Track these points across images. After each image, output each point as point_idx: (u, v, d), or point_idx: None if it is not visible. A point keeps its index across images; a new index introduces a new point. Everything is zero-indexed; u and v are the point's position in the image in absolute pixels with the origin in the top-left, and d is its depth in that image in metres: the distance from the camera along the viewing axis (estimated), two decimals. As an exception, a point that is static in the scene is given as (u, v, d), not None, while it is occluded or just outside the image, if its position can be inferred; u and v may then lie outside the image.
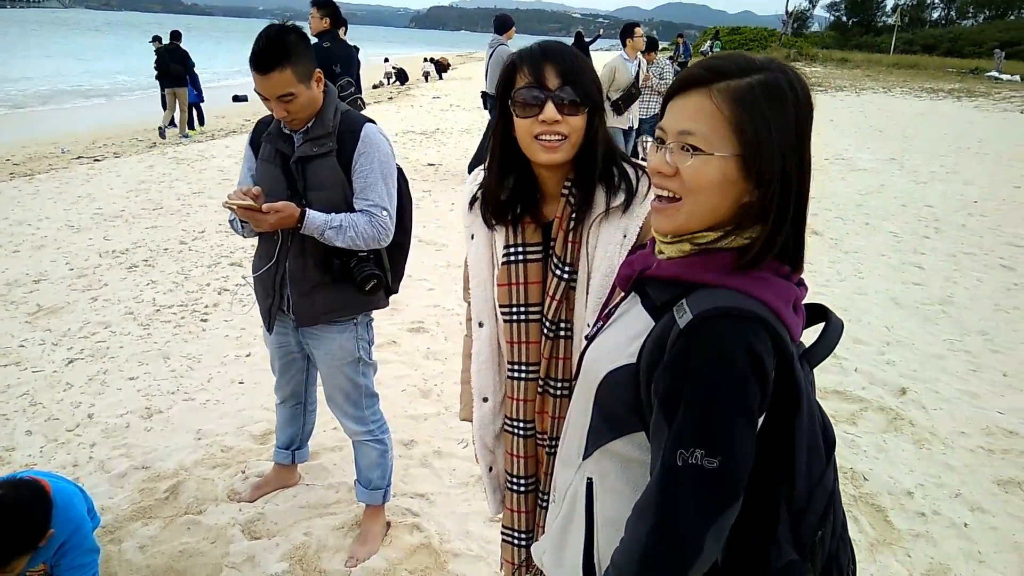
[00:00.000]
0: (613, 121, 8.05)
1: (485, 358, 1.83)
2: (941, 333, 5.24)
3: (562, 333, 1.70)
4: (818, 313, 1.28)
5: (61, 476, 2.53)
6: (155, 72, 15.53)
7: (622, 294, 1.33)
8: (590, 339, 1.35)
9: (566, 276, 1.66)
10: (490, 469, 1.93)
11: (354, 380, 2.76)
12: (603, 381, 1.23)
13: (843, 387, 4.28)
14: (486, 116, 15.58)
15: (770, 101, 1.09)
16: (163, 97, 15.48)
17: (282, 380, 2.98)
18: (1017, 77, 28.03)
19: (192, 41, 14.35)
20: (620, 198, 1.63)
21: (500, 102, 1.66)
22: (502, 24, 8.96)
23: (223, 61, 35.35)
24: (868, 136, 15.21)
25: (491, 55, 8.85)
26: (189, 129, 14.89)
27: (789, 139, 1.10)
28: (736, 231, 1.15)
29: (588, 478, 1.29)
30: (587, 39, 13.56)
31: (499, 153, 1.72)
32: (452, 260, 6.38)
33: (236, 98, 20.89)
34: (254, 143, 2.65)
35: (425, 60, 31.85)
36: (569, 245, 1.66)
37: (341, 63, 6.59)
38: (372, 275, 2.52)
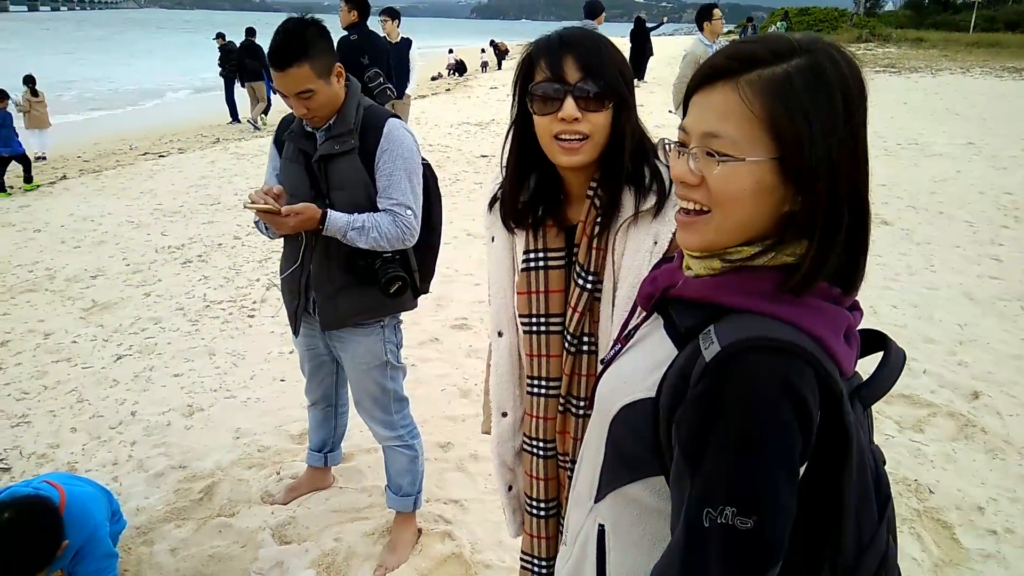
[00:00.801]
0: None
1: (504, 370, 1.70)
2: (1020, 331, 4.87)
3: (585, 348, 1.56)
4: (875, 340, 1.09)
5: (81, 478, 2.52)
6: (219, 68, 15.94)
7: (643, 314, 1.16)
8: (606, 363, 1.20)
9: (590, 286, 1.52)
10: (509, 488, 1.80)
11: (382, 384, 2.67)
12: (617, 415, 1.07)
13: (910, 390, 4.00)
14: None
15: (812, 91, 0.91)
16: (228, 92, 15.85)
17: (312, 383, 2.91)
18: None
19: (262, 38, 15.12)
20: (651, 200, 1.47)
21: (519, 98, 1.53)
22: (592, 10, 8.75)
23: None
24: (944, 119, 14.44)
25: None
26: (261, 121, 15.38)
27: (837, 135, 0.91)
28: (777, 246, 0.97)
29: (600, 524, 1.13)
30: (649, 24, 13.24)
31: (517, 152, 1.58)
32: (500, 254, 6.27)
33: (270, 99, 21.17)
34: (278, 142, 2.58)
35: (483, 50, 31.78)
36: (594, 252, 1.51)
37: (369, 55, 6.58)
38: (397, 276, 2.42)
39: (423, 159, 2.53)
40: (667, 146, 1.10)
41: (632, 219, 1.48)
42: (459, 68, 27.16)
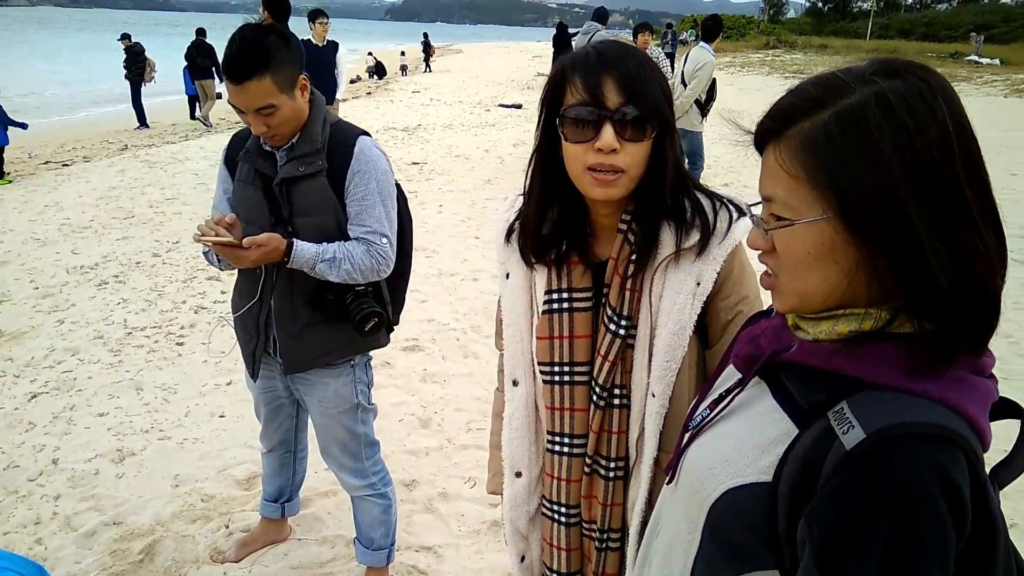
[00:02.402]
0: (700, 125, 7.55)
1: (520, 424, 1.51)
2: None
3: (616, 401, 1.38)
4: (1004, 407, 0.94)
5: (8, 558, 2.16)
6: (124, 71, 15.10)
7: (738, 375, 1.00)
8: (694, 431, 1.03)
9: (623, 331, 1.34)
10: (522, 559, 1.60)
11: (352, 429, 2.42)
12: (720, 500, 0.91)
13: None
14: (468, 111, 15.21)
15: (849, 137, 0.80)
16: (135, 96, 15.04)
17: (268, 428, 2.63)
18: (996, 61, 28.00)
19: (166, 39, 14.81)
20: (694, 237, 1.30)
21: (545, 118, 1.34)
22: (601, 15, 8.74)
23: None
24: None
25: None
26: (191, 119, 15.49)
27: (893, 177, 0.77)
28: (897, 313, 0.83)
29: None
30: (572, 30, 13.22)
31: (541, 178, 1.39)
32: (443, 268, 6.04)
33: (220, 95, 20.39)
34: (229, 162, 2.29)
35: (402, 53, 31.35)
36: (627, 294, 1.34)
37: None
38: (372, 313, 2.17)
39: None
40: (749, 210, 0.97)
41: (672, 258, 1.31)
42: (379, 71, 26.66)
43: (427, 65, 30.47)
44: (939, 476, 0.75)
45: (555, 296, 1.41)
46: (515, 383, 1.50)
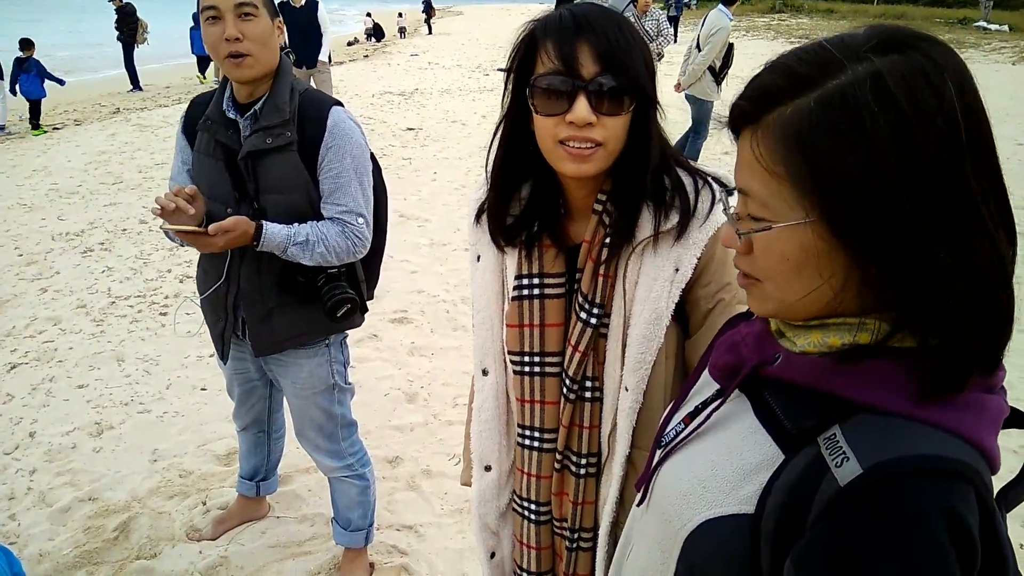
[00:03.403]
0: (714, 94, 7.20)
1: (489, 416, 1.42)
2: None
3: (588, 395, 1.28)
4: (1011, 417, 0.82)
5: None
6: (116, 33, 14.83)
7: (716, 387, 0.89)
8: (667, 447, 0.92)
9: (594, 320, 1.23)
10: (492, 556, 1.52)
11: (328, 410, 2.33)
12: (696, 531, 0.80)
13: None
14: (466, 75, 14.97)
15: (836, 127, 0.67)
16: (127, 58, 14.78)
17: (241, 409, 2.54)
18: (1005, 27, 27.50)
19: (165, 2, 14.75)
20: (672, 219, 1.19)
21: (514, 87, 1.22)
22: None
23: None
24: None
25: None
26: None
27: (889, 176, 0.66)
28: (898, 324, 0.71)
29: None
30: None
31: (506, 153, 1.28)
32: (435, 237, 5.93)
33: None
34: (188, 130, 2.14)
35: (400, 15, 30.82)
36: (600, 280, 1.23)
37: None
38: (344, 299, 2.03)
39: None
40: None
41: (649, 242, 1.20)
42: (376, 33, 26.23)
43: (428, 27, 29.98)
44: (948, 518, 0.65)
45: (525, 282, 1.31)
46: (485, 372, 1.41)
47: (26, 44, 11.39)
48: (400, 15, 30.65)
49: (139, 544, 2.70)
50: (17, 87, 11.03)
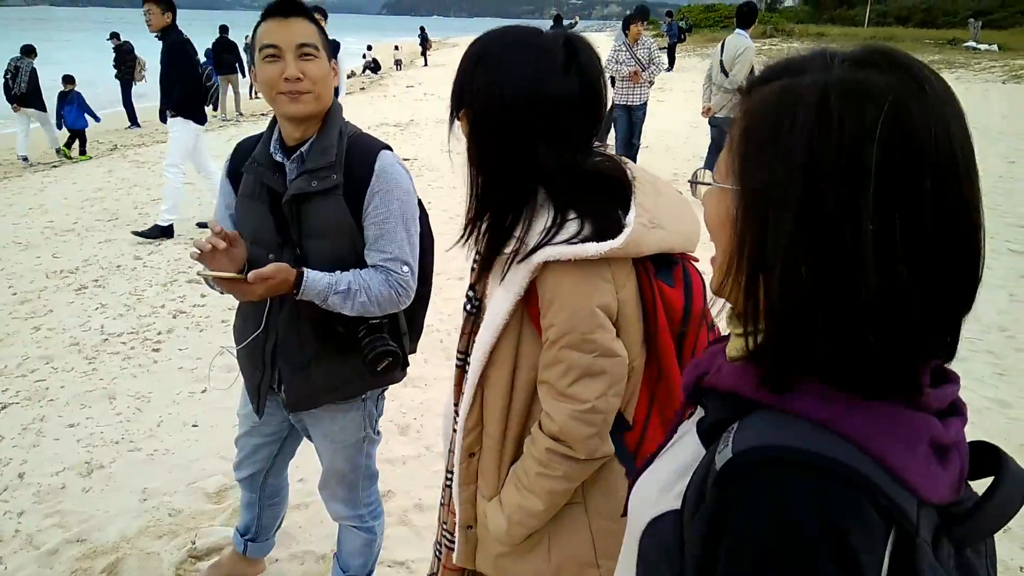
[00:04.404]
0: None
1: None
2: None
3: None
4: (987, 456, 0.79)
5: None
6: (114, 71, 15.02)
7: (691, 409, 0.95)
8: (641, 469, 0.97)
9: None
10: (451, 451, 1.64)
11: (354, 462, 2.24)
12: (645, 531, 0.86)
13: None
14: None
15: (769, 120, 0.71)
16: (125, 95, 14.93)
17: (243, 460, 2.42)
18: (995, 47, 27.79)
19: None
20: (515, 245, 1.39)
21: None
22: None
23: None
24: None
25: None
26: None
27: (790, 191, 0.67)
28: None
29: None
30: (566, 22, 13.14)
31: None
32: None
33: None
34: (233, 174, 2.08)
35: (396, 47, 31.16)
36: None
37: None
38: (386, 352, 1.93)
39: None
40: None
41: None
42: (374, 66, 26.52)
43: (424, 59, 30.29)
44: (815, 513, 0.64)
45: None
46: None
47: (68, 79, 12.31)
48: (396, 48, 31.03)
49: (127, 586, 2.66)
50: (63, 120, 12.05)
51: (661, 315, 1.38)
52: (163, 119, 7.05)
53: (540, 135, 1.30)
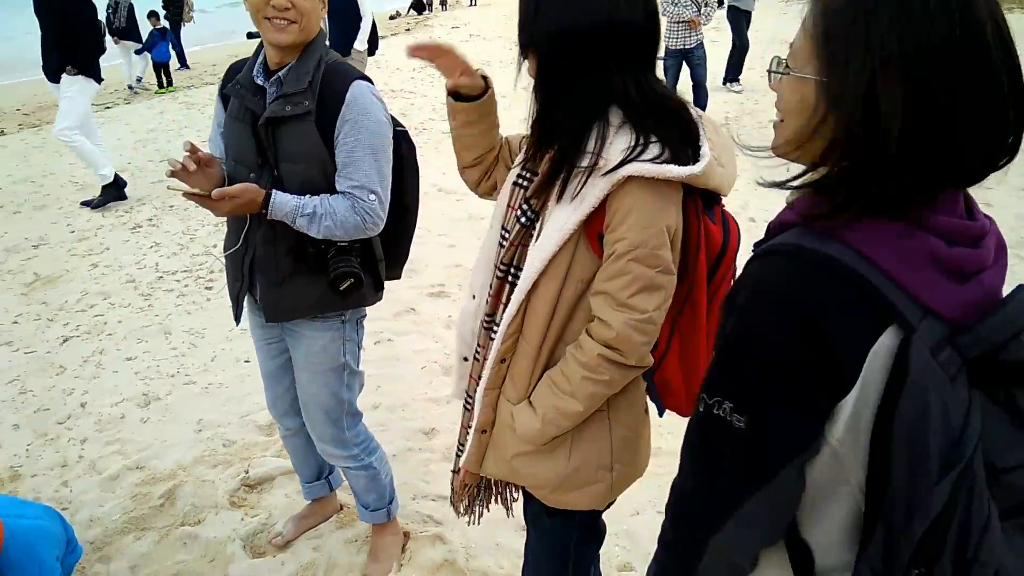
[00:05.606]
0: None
1: (483, 256, 1.66)
2: None
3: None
4: None
5: (28, 504, 2.19)
6: (162, 12, 15.07)
7: None
8: None
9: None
10: (464, 359, 1.72)
11: (336, 393, 2.28)
12: None
13: None
14: (507, 46, 14.89)
15: (851, 13, 0.81)
16: (175, 39, 15.01)
17: (274, 392, 2.43)
18: None
19: None
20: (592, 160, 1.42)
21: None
22: None
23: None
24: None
25: None
26: None
27: (873, 70, 0.79)
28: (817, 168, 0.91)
29: None
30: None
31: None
32: (473, 211, 5.91)
33: (251, 35, 20.23)
34: (224, 94, 2.13)
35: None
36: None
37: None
38: (347, 272, 2.02)
39: (400, 127, 2.16)
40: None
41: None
42: (418, 6, 26.12)
43: (473, -1, 29.73)
44: (789, 285, 0.83)
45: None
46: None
47: (152, 15, 13.90)
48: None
49: (184, 511, 2.79)
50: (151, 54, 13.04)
51: (703, 246, 1.46)
52: (56, 79, 5.96)
53: (616, 61, 1.35)
